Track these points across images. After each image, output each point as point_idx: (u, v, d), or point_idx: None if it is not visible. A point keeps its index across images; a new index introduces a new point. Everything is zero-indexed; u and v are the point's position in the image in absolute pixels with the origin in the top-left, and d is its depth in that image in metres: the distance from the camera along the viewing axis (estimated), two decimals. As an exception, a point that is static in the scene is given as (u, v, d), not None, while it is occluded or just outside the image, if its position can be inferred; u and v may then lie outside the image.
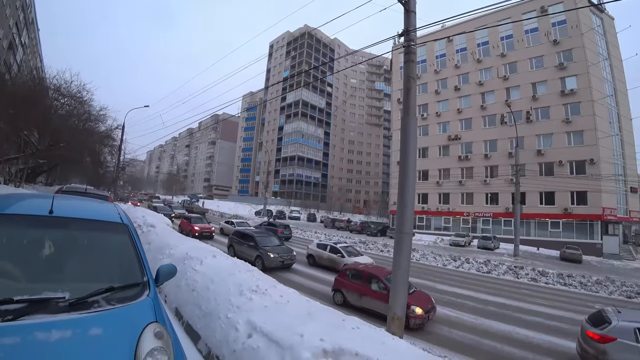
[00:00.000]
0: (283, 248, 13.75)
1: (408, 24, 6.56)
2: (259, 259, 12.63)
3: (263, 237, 14.09)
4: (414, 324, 7.61)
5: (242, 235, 14.53)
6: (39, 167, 27.33)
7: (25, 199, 3.16)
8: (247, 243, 13.68)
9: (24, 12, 33.70)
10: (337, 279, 9.62)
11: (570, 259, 25.93)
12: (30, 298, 1.92)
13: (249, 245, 13.46)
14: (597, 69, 33.10)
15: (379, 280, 8.62)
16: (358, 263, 11.42)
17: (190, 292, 5.19)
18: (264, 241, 13.60)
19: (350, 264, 11.01)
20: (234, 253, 13.53)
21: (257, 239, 13.57)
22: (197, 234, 18.33)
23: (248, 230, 15.02)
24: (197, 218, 21.29)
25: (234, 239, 14.68)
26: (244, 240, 14.10)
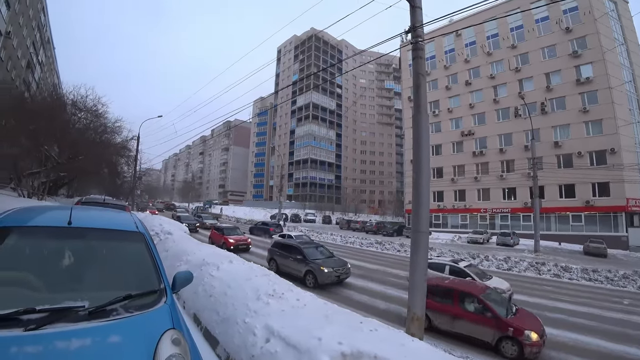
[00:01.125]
0: (336, 260, 12.08)
1: (414, 20, 6.49)
2: (310, 275, 11.12)
3: (310, 248, 12.42)
4: (530, 353, 6.32)
5: (284, 247, 12.95)
6: (60, 179, 28.16)
7: (45, 211, 3.25)
8: (293, 256, 12.08)
9: (40, 32, 34.97)
10: None
11: (594, 253, 25.07)
12: (52, 307, 1.96)
13: (296, 259, 11.87)
14: (613, 55, 31.99)
15: (476, 299, 7.20)
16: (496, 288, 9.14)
17: (207, 297, 5.23)
18: (313, 253, 11.97)
19: (434, 278, 8.72)
20: (277, 268, 12.30)
21: (304, 251, 11.94)
22: (232, 247, 16.41)
23: (292, 241, 13.39)
24: (230, 229, 19.02)
25: (275, 252, 13.05)
26: (287, 252, 12.49)
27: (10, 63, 26.36)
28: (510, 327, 6.52)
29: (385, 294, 10.67)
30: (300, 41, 77.52)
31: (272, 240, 17.97)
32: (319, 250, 12.35)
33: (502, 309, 7.00)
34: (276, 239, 14.52)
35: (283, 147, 76.61)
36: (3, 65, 24.74)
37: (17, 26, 26.64)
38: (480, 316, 6.96)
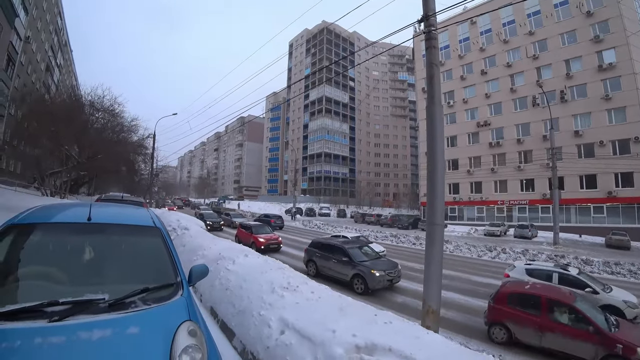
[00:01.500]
0: (385, 262, 10.83)
1: (427, 9, 6.35)
2: (358, 279, 9.90)
3: (355, 248, 11.09)
4: None
5: (325, 248, 11.58)
6: (80, 178, 29.08)
7: (67, 208, 3.36)
8: (336, 258, 10.83)
9: (57, 36, 35.89)
10: (494, 307, 6.90)
11: (617, 245, 24.24)
12: (74, 300, 2.05)
13: (340, 261, 10.61)
14: (637, 39, 30.44)
15: (571, 308, 6.18)
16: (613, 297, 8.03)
17: (224, 291, 5.33)
18: (359, 254, 10.71)
19: (512, 283, 7.73)
20: (316, 271, 11.34)
21: (350, 252, 10.65)
22: (262, 247, 15.19)
23: (333, 241, 11.94)
24: (259, 227, 17.43)
25: (314, 252, 11.74)
26: (330, 253, 11.20)
27: (30, 67, 27.18)
28: (619, 343, 5.54)
29: (401, 287, 10.62)
30: (312, 35, 77.06)
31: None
32: (364, 251, 11.11)
33: (601, 321, 6.06)
34: (315, 239, 12.66)
35: (297, 142, 76.75)
36: (23, 69, 25.54)
37: (35, 31, 27.40)
38: (577, 329, 5.95)
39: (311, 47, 76.91)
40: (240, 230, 17.65)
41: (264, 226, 17.93)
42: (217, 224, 24.00)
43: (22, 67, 25.18)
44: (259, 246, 15.10)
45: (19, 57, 23.75)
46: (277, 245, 16.26)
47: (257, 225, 17.70)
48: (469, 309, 8.68)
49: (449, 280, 11.26)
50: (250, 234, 16.29)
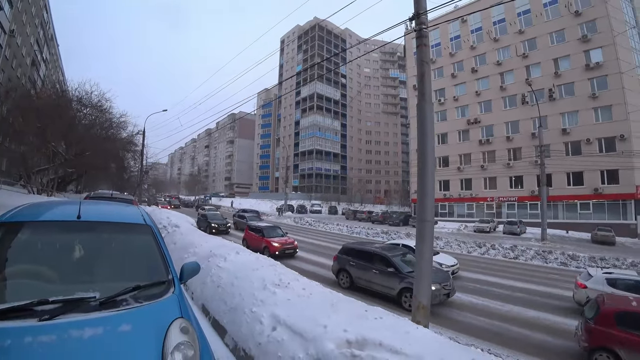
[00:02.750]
0: (437, 273, 8.77)
1: (418, 7, 6.39)
2: (409, 294, 7.86)
3: (398, 256, 9.21)
4: None
5: (362, 255, 9.70)
6: (68, 176, 28.59)
7: (55, 206, 3.32)
8: (377, 268, 9.06)
9: (43, 30, 35.04)
10: (597, 330, 5.60)
11: (602, 241, 24.80)
12: (64, 298, 2.03)
13: (384, 273, 8.86)
14: (624, 39, 31.16)
15: None
16: None
17: (215, 288, 5.33)
18: (403, 264, 8.85)
19: (614, 299, 6.36)
20: (350, 282, 9.72)
21: (395, 261, 8.86)
22: (277, 252, 13.39)
23: (372, 248, 9.97)
24: (270, 229, 15.25)
25: (347, 261, 9.88)
26: (368, 262, 9.39)
27: (15, 61, 26.53)
28: None
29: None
30: (304, 31, 76.72)
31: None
32: (408, 259, 9.16)
33: None
34: (347, 244, 10.80)
35: (288, 139, 76.55)
36: (8, 64, 24.92)
37: (20, 24, 26.73)
38: None
39: (303, 44, 76.59)
40: (249, 234, 15.47)
41: (276, 228, 15.72)
42: (224, 226, 20.93)
43: (7, 61, 24.57)
44: (273, 252, 13.25)
45: (3, 51, 23.18)
46: (293, 250, 14.35)
47: (268, 227, 15.48)
48: (458, 305, 8.82)
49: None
50: (262, 237, 14.32)
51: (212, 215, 22.30)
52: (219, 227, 20.38)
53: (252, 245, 13.83)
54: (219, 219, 21.92)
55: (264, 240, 14.13)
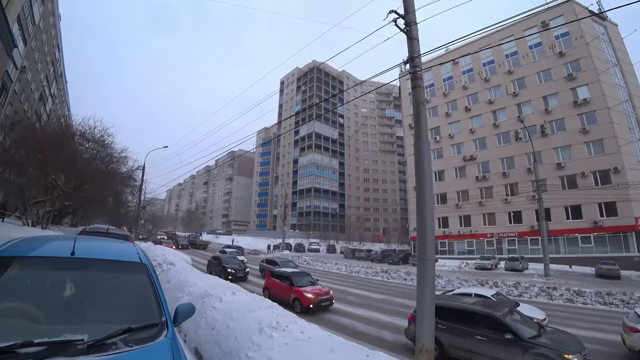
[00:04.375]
0: (562, 335, 7.01)
1: (412, 51, 6.71)
2: None
3: (507, 314, 7.06)
4: None
5: (456, 316, 7.42)
6: (64, 208, 28.30)
7: (49, 241, 3.26)
8: (484, 333, 6.83)
9: (53, 67, 36.41)
10: None
11: (607, 275, 24.29)
12: (50, 340, 1.92)
13: (494, 340, 6.63)
14: (608, 76, 32.66)
15: None
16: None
17: (209, 330, 5.10)
18: (522, 326, 6.89)
19: None
20: (440, 350, 7.29)
21: (508, 322, 6.71)
22: (311, 304, 11.08)
23: (471, 305, 7.58)
24: (299, 275, 12.92)
25: (444, 327, 7.34)
26: (466, 325, 7.15)
27: (23, 95, 27.26)
28: None
29: (393, 324, 10.31)
30: (302, 73, 79.99)
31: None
32: (518, 318, 7.24)
33: None
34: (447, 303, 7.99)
35: (286, 177, 77.11)
36: (16, 97, 25.55)
37: (32, 61, 27.79)
38: None
39: (302, 85, 79.57)
40: (273, 282, 13.03)
41: (306, 274, 13.27)
42: (242, 271, 17.85)
43: (16, 95, 25.19)
44: (306, 304, 10.95)
45: (12, 85, 23.82)
46: (329, 302, 11.84)
47: (297, 273, 13.14)
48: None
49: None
50: (290, 286, 11.91)
51: (227, 259, 19.20)
52: (236, 272, 17.32)
53: (276, 296, 11.66)
54: (235, 263, 18.77)
55: (293, 290, 11.69)
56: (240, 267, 18.19)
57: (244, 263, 19.74)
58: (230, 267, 17.59)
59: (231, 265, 17.77)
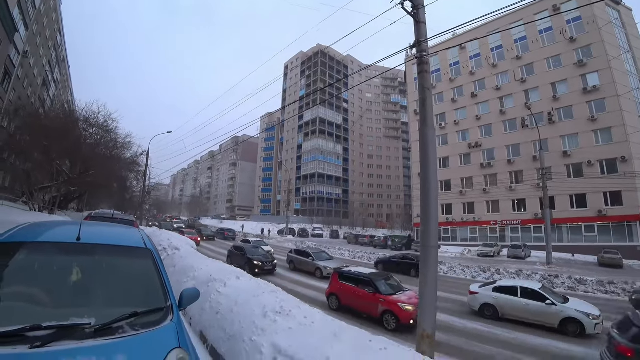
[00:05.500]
0: None
1: (419, 35, 6.56)
2: None
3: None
4: None
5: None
6: (70, 194, 28.60)
7: (55, 226, 3.28)
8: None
9: (55, 51, 36.16)
10: None
11: (609, 264, 24.30)
12: (58, 324, 1.95)
13: None
14: (619, 63, 31.86)
15: None
16: None
17: (214, 314, 5.18)
18: None
19: None
20: None
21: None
22: (411, 320, 8.24)
23: None
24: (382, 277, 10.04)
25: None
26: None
27: (26, 81, 27.21)
28: None
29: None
30: (307, 57, 78.84)
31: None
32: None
33: None
34: None
35: (290, 162, 77.04)
36: (20, 83, 25.52)
37: (34, 46, 27.60)
38: None
39: (306, 69, 78.51)
40: (344, 286, 10.09)
41: (389, 277, 10.38)
42: (270, 264, 16.15)
43: (19, 80, 25.17)
44: (405, 320, 8.41)
45: (15, 71, 23.77)
46: None
47: (378, 275, 10.22)
48: (464, 332, 8.53)
49: (443, 302, 11.11)
50: (375, 293, 9.18)
51: (251, 249, 17.20)
52: (263, 265, 15.65)
53: (353, 307, 9.69)
54: (261, 254, 17.03)
55: (381, 300, 8.98)
56: (267, 258, 16.53)
57: (270, 254, 17.91)
58: (257, 259, 15.86)
59: (257, 257, 16.09)
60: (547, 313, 8.80)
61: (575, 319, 8.39)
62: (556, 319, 8.65)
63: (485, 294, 10.11)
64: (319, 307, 6.10)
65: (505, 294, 9.68)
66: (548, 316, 8.80)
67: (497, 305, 9.67)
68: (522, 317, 9.24)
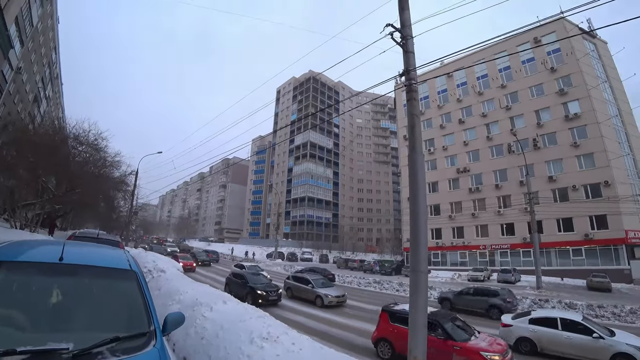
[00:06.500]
0: None
1: (408, 64, 6.80)
2: None
3: None
4: None
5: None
6: (54, 212, 27.84)
7: (38, 245, 3.20)
8: None
9: (49, 68, 36.14)
10: None
11: (598, 287, 24.47)
12: (33, 349, 1.87)
13: None
14: (597, 92, 33.43)
15: None
16: None
17: (199, 340, 5.01)
18: None
19: None
20: None
21: None
22: None
23: None
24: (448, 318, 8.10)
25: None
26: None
27: (17, 96, 26.94)
28: None
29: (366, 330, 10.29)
30: (299, 82, 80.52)
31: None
32: None
33: None
34: None
35: (280, 185, 76.97)
36: (10, 98, 25.25)
37: (28, 62, 27.57)
38: None
39: (298, 94, 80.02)
40: (399, 329, 7.95)
41: (455, 316, 8.54)
42: (274, 293, 14.50)
43: (10, 95, 24.90)
44: None
45: (7, 86, 23.56)
46: None
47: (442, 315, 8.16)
48: None
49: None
50: (446, 340, 7.33)
51: (253, 277, 15.51)
52: (267, 295, 13.98)
53: None
54: (264, 282, 15.53)
55: (456, 348, 7.13)
56: (271, 287, 14.89)
57: (272, 282, 16.44)
58: (260, 287, 14.33)
59: (260, 286, 14.51)
60: (595, 348, 7.82)
61: (628, 354, 7.38)
62: (606, 355, 7.65)
63: (520, 326, 9.18)
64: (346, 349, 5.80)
65: (543, 326, 8.78)
66: (596, 351, 7.82)
67: (535, 339, 8.77)
68: (566, 352, 8.35)
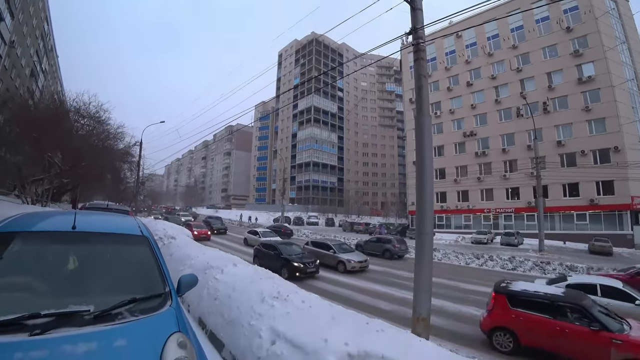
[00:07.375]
0: None
1: (415, 22, 6.50)
2: None
3: None
4: None
5: None
6: (63, 186, 28.28)
7: (50, 216, 3.25)
8: None
9: (43, 41, 35.23)
10: None
11: (599, 251, 24.84)
12: (57, 312, 1.95)
13: None
14: (614, 53, 31.90)
15: None
16: None
17: (212, 300, 5.22)
18: None
19: None
20: None
21: None
22: None
23: None
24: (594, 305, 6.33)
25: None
26: None
27: (14, 71, 26.56)
28: None
29: (390, 295, 10.60)
30: (301, 45, 77.87)
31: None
32: None
33: None
34: None
35: (285, 151, 76.76)
36: (7, 74, 24.93)
37: (21, 35, 26.87)
38: None
39: (300, 58, 77.61)
40: (526, 316, 6.39)
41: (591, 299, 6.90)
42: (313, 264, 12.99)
43: (6, 71, 24.59)
44: None
45: (2, 62, 23.21)
46: None
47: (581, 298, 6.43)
48: (458, 316, 8.71)
49: (437, 288, 11.29)
50: (597, 331, 5.67)
51: (287, 248, 13.87)
52: (305, 267, 12.50)
53: (552, 350, 6.12)
54: (298, 252, 13.81)
55: (616, 342, 5.53)
56: (308, 258, 13.39)
57: (306, 253, 14.47)
58: (296, 259, 12.78)
59: (296, 257, 12.98)
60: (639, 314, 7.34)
61: None
62: None
63: None
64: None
65: None
66: None
67: None
68: None
